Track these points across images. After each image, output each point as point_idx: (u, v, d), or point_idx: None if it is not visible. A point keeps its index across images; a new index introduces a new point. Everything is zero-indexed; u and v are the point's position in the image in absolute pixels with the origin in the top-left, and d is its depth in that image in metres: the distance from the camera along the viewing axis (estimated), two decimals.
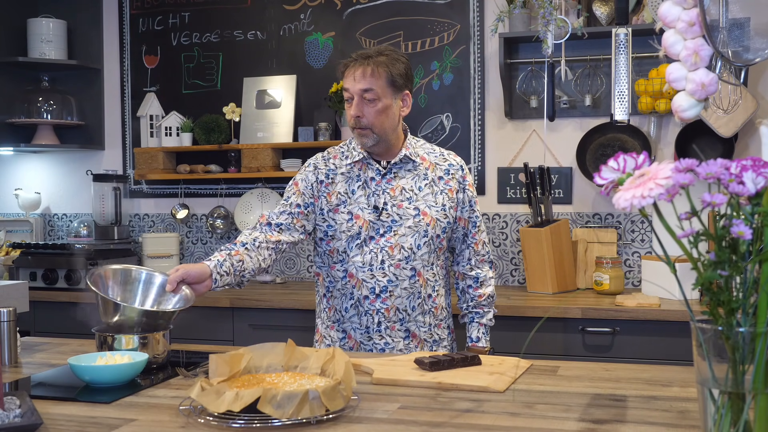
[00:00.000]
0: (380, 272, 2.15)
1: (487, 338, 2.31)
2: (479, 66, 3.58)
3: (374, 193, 2.19)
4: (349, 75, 2.15)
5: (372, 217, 2.17)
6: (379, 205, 2.17)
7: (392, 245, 2.15)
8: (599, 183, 1.01)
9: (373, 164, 2.21)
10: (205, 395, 1.30)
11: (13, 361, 1.86)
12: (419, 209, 2.18)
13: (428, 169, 2.24)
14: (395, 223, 2.16)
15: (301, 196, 2.22)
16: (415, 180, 2.21)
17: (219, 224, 3.90)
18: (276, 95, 3.82)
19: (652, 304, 2.80)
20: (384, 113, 2.14)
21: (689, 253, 0.95)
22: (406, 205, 2.18)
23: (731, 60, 1.55)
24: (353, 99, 2.14)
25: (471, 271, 2.30)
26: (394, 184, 2.20)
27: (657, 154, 3.37)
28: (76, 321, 2.16)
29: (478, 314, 2.31)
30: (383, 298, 2.16)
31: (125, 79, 4.11)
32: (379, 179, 2.20)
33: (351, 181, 2.21)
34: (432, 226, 2.18)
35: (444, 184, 2.23)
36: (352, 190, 2.20)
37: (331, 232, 2.19)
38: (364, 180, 2.21)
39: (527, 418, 1.33)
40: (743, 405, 0.95)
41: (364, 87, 2.12)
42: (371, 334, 2.18)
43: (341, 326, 2.22)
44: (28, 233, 4.12)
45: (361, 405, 1.42)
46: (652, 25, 3.10)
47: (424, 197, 2.20)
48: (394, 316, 2.17)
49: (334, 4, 3.78)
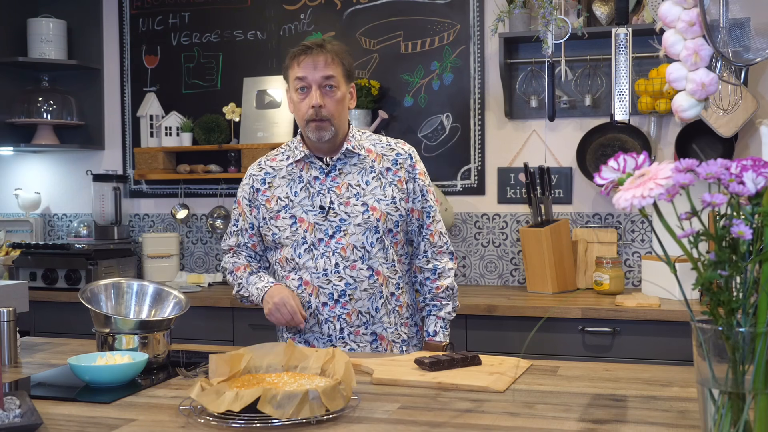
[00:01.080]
0: (336, 276, 2.05)
1: (445, 332, 2.18)
2: (479, 66, 3.58)
3: (319, 193, 2.09)
4: (306, 63, 2.03)
5: (318, 218, 2.07)
6: (325, 205, 2.07)
7: (344, 246, 2.05)
8: (599, 183, 1.01)
9: (315, 162, 2.11)
10: (205, 395, 1.30)
11: (13, 361, 1.86)
12: (368, 204, 2.07)
13: (375, 161, 2.12)
14: (344, 222, 2.06)
15: (245, 217, 2.18)
16: (361, 174, 2.10)
17: (219, 224, 3.90)
18: (276, 95, 3.82)
19: (652, 304, 2.80)
20: (342, 103, 2.07)
21: (689, 253, 0.95)
22: (353, 201, 2.07)
23: (731, 60, 1.55)
24: (309, 89, 2.04)
25: (428, 263, 2.18)
26: (340, 181, 2.09)
27: (657, 154, 3.37)
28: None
29: (435, 307, 2.18)
30: (343, 303, 2.06)
31: (125, 79, 4.11)
32: (324, 178, 2.10)
33: (293, 183, 2.12)
34: (383, 221, 2.07)
35: (392, 176, 2.12)
36: (294, 192, 2.11)
37: (277, 240, 2.10)
38: (307, 180, 2.11)
39: (527, 418, 1.33)
40: (743, 405, 0.95)
41: (327, 74, 2.03)
42: (334, 341, 2.08)
43: (303, 337, 2.12)
44: (28, 233, 4.12)
45: (361, 405, 1.42)
46: (652, 25, 3.10)
47: (372, 191, 2.09)
48: (357, 320, 2.08)
49: (334, 4, 3.78)
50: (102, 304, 1.86)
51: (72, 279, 3.57)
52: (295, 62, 2.06)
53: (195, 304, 2.99)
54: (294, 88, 2.07)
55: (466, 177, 3.61)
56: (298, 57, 2.05)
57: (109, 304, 1.88)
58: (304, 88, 2.05)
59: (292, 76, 2.07)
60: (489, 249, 3.57)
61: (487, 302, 2.96)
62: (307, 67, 2.03)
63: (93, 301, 1.83)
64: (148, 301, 1.94)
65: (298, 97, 2.07)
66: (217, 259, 3.98)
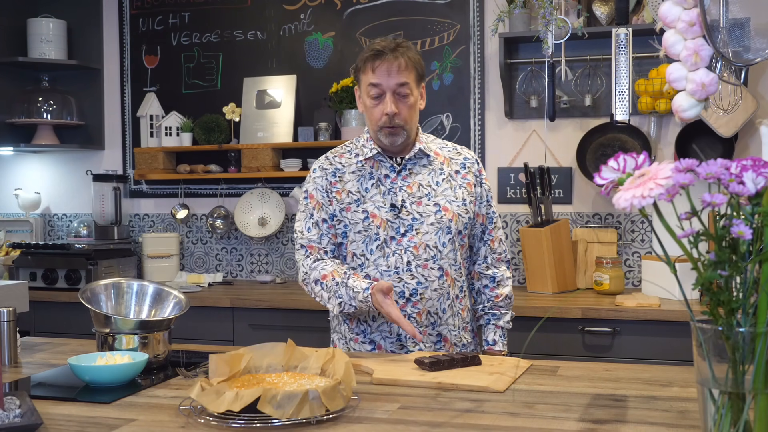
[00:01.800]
0: (408, 274, 2.02)
1: (504, 341, 2.17)
2: (479, 66, 3.58)
3: (390, 191, 2.06)
4: (381, 69, 1.98)
5: (390, 216, 2.04)
6: (396, 204, 2.05)
7: (416, 245, 2.02)
8: (599, 183, 1.01)
9: (385, 161, 2.08)
10: (205, 395, 1.30)
11: (13, 361, 1.86)
12: (440, 205, 2.06)
13: (443, 163, 2.12)
14: (416, 221, 2.04)
15: (323, 208, 2.09)
16: (431, 175, 2.10)
17: (219, 224, 3.90)
18: (276, 95, 3.82)
19: (652, 304, 2.80)
20: (414, 108, 2.05)
21: (689, 253, 0.95)
22: (425, 201, 2.06)
23: (731, 60, 1.55)
24: (383, 96, 2.00)
25: (487, 270, 2.18)
26: (410, 180, 2.08)
27: (657, 154, 3.37)
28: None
29: (494, 316, 2.17)
30: (414, 302, 2.02)
31: (125, 79, 4.11)
32: (394, 176, 2.08)
33: (363, 178, 2.08)
34: (455, 222, 2.06)
35: (462, 178, 2.12)
36: (365, 188, 2.07)
37: (348, 233, 2.05)
38: (378, 178, 2.07)
39: (527, 418, 1.33)
40: (743, 405, 0.95)
41: (401, 81, 1.99)
42: (403, 341, 2.03)
43: (368, 337, 2.05)
44: (28, 233, 4.12)
45: (361, 405, 1.42)
46: (652, 25, 3.10)
47: (443, 192, 2.08)
48: (426, 320, 2.03)
49: (334, 4, 3.78)
50: (102, 304, 1.86)
51: (72, 279, 3.57)
52: (369, 67, 2.01)
53: (195, 304, 2.99)
54: (367, 93, 2.03)
55: None
56: (373, 62, 2.00)
57: (109, 304, 1.88)
58: (378, 95, 2.01)
59: (366, 80, 2.03)
60: None
61: None
62: (382, 74, 1.99)
63: (93, 301, 1.83)
64: (148, 301, 1.94)
65: (371, 102, 2.03)
66: (217, 259, 3.98)
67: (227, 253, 3.97)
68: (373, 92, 2.01)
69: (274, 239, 3.89)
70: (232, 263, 3.96)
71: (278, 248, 3.89)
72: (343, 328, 2.11)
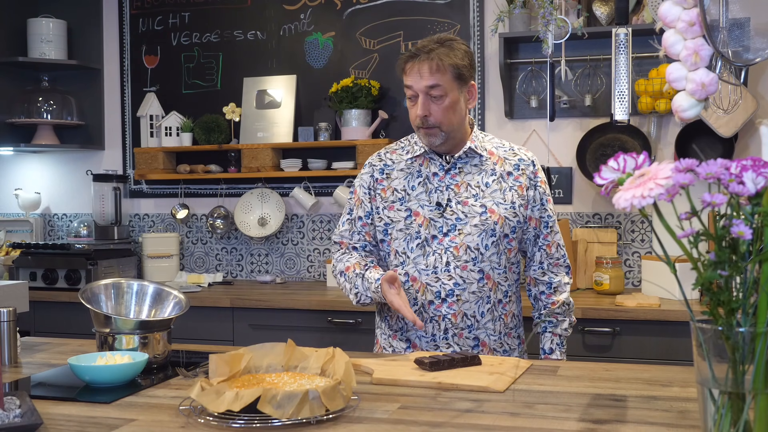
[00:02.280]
0: (446, 275, 1.99)
1: (562, 350, 2.13)
2: (479, 66, 3.58)
3: (437, 189, 2.04)
4: (413, 71, 1.97)
5: (433, 214, 2.02)
6: (442, 202, 2.02)
7: (457, 245, 2.00)
8: (599, 183, 1.01)
9: (435, 159, 2.06)
10: (205, 395, 1.30)
11: (13, 361, 1.86)
12: (486, 206, 2.02)
13: (496, 163, 2.07)
14: (459, 221, 2.01)
15: (362, 206, 2.12)
16: (481, 175, 2.05)
17: (219, 224, 3.90)
18: (276, 95, 3.82)
19: (652, 304, 2.80)
20: (451, 109, 1.99)
21: (689, 253, 0.95)
22: (471, 202, 2.02)
23: (731, 60, 1.55)
24: (417, 97, 1.99)
25: (543, 276, 2.13)
26: (459, 179, 2.05)
27: (657, 154, 3.37)
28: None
29: (551, 323, 2.13)
30: (450, 303, 2.00)
31: (125, 79, 4.11)
32: (443, 175, 2.05)
33: (410, 176, 2.07)
34: (500, 225, 2.01)
35: (513, 180, 2.06)
36: (411, 186, 2.06)
37: (390, 231, 2.06)
38: (426, 176, 2.06)
39: (527, 418, 1.33)
40: (743, 405, 0.95)
41: (431, 83, 1.95)
42: (438, 342, 2.01)
43: (405, 335, 2.06)
44: (28, 233, 4.12)
45: (361, 405, 1.42)
46: (652, 25, 3.10)
47: (492, 194, 2.03)
48: (462, 322, 2.01)
49: (334, 4, 3.78)
50: (102, 304, 1.86)
51: (72, 279, 3.57)
52: (404, 69, 2.01)
53: (195, 304, 2.99)
54: (406, 94, 2.03)
55: None
56: (405, 64, 2.01)
57: (109, 304, 1.88)
58: (412, 96, 2.01)
59: (406, 82, 2.01)
60: None
61: None
62: (413, 76, 1.98)
63: (93, 301, 1.83)
64: (148, 301, 1.94)
65: (409, 103, 2.04)
66: (217, 259, 3.98)
67: (227, 253, 3.97)
68: (408, 93, 2.02)
69: (274, 239, 3.89)
70: (232, 263, 3.97)
71: (278, 248, 3.89)
72: (384, 324, 2.14)
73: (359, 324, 3.10)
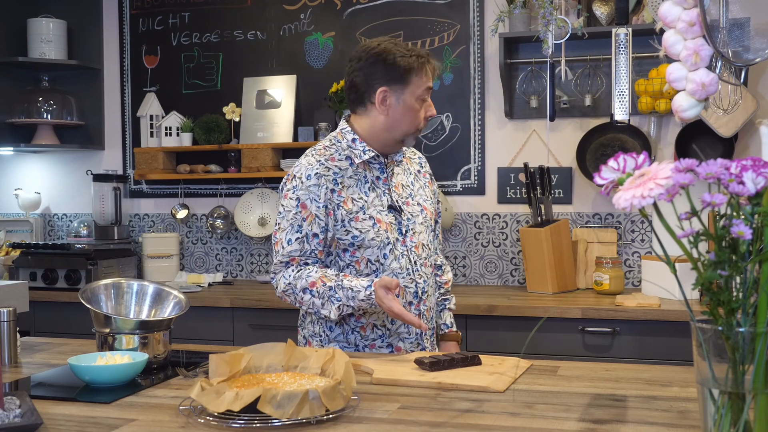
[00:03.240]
0: (417, 274, 2.03)
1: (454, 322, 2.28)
2: (479, 66, 3.58)
3: (384, 193, 2.04)
4: (431, 72, 2.01)
5: (391, 218, 2.02)
6: (394, 205, 2.03)
7: (416, 244, 2.05)
8: (599, 183, 1.01)
9: (375, 162, 2.05)
10: (205, 395, 1.30)
11: (13, 361, 1.86)
12: (421, 204, 2.10)
13: (408, 163, 2.15)
14: (410, 221, 2.05)
15: (316, 221, 1.97)
16: (405, 175, 2.11)
17: (219, 224, 3.90)
18: (276, 95, 3.82)
19: (652, 304, 2.80)
20: None
21: (689, 253, 0.95)
22: (411, 201, 2.08)
23: (731, 60, 1.55)
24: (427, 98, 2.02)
25: (436, 260, 2.26)
26: (395, 181, 2.07)
27: (657, 154, 3.37)
28: None
29: (447, 300, 2.27)
30: (423, 300, 2.05)
31: (125, 79, 4.11)
32: (384, 177, 2.06)
33: (360, 183, 2.02)
34: (431, 220, 2.13)
35: (422, 177, 2.17)
36: (364, 192, 2.01)
37: (358, 242, 1.97)
38: (371, 180, 2.03)
39: (527, 418, 1.33)
40: (743, 405, 0.95)
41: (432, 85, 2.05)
42: (420, 340, 2.04)
43: (386, 341, 2.02)
44: (28, 233, 4.12)
45: (361, 405, 1.42)
46: (652, 25, 3.10)
47: (418, 191, 2.12)
48: (430, 317, 2.11)
49: (334, 4, 3.78)
50: (102, 304, 1.86)
51: (72, 279, 3.57)
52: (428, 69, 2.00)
53: (195, 304, 2.99)
54: (419, 96, 1.99)
55: (466, 177, 3.61)
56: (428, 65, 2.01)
57: (109, 304, 1.88)
58: (424, 97, 2.01)
59: (422, 84, 1.99)
60: (489, 249, 3.57)
61: (487, 302, 2.96)
62: (430, 77, 2.02)
63: (93, 301, 1.83)
64: (148, 301, 1.94)
65: (419, 106, 2.01)
66: (217, 259, 3.98)
67: (227, 253, 3.97)
68: (426, 96, 2.02)
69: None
70: (232, 263, 3.97)
71: None
72: (352, 337, 2.02)
73: None
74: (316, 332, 2.05)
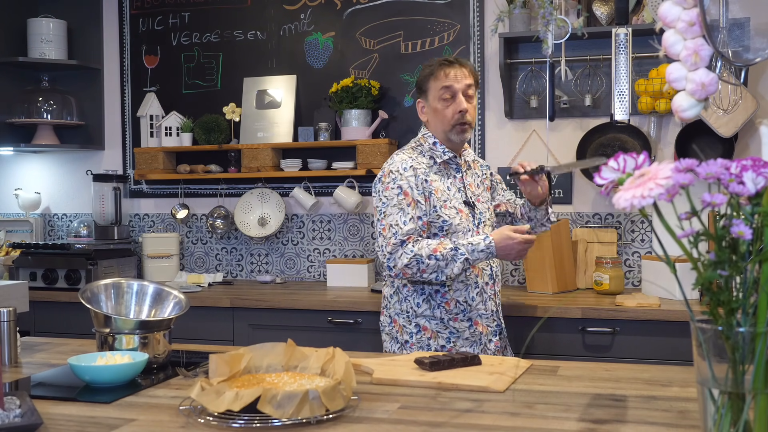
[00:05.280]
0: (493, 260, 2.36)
1: None
2: (479, 66, 3.58)
3: (460, 190, 2.38)
4: (452, 74, 2.32)
5: (468, 210, 2.36)
6: (468, 201, 2.38)
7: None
8: (599, 183, 1.01)
9: (452, 163, 2.39)
10: (205, 395, 1.30)
11: (13, 361, 1.86)
12: (485, 204, 2.44)
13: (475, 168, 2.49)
14: (482, 215, 2.40)
15: (418, 206, 2.28)
16: (473, 177, 2.46)
17: (219, 224, 3.90)
18: (276, 95, 3.82)
19: (652, 304, 2.80)
20: (476, 110, 2.39)
21: (689, 253, 0.95)
22: (481, 199, 2.43)
23: (731, 60, 1.55)
24: (455, 96, 2.32)
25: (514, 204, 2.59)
26: (469, 180, 2.43)
27: (657, 154, 3.37)
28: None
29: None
30: (496, 282, 2.41)
31: (125, 79, 4.11)
32: (460, 177, 2.40)
33: (444, 178, 2.36)
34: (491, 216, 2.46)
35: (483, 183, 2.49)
36: (447, 186, 2.35)
37: (447, 227, 2.30)
38: (451, 177, 2.38)
39: (527, 418, 1.33)
40: (743, 405, 0.95)
41: (469, 83, 2.34)
42: (495, 317, 2.39)
43: (467, 315, 2.34)
44: (28, 233, 4.12)
45: (361, 405, 1.42)
46: (652, 25, 3.10)
47: (483, 193, 2.46)
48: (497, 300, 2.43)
49: (334, 4, 3.78)
50: (102, 304, 1.86)
51: (72, 279, 3.57)
52: (442, 73, 2.33)
53: (195, 304, 3.00)
54: (439, 96, 2.35)
55: None
56: (445, 68, 2.34)
57: (109, 304, 1.88)
58: (451, 96, 2.33)
59: (438, 86, 2.34)
60: None
61: None
62: (454, 78, 2.33)
63: (93, 301, 1.83)
64: (148, 301, 1.94)
65: (443, 105, 2.35)
66: (217, 259, 3.98)
67: (227, 253, 3.97)
68: (447, 94, 2.33)
69: (274, 239, 3.89)
70: (232, 263, 3.97)
71: (278, 248, 3.89)
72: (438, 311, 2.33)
73: (359, 324, 3.10)
74: (404, 309, 2.35)
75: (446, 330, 2.33)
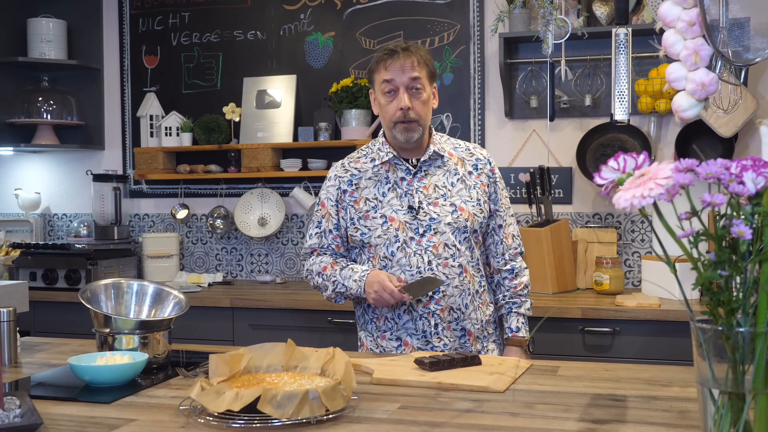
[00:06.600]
0: (429, 273, 2.08)
1: (526, 328, 2.23)
2: (479, 66, 3.58)
3: (406, 194, 2.13)
4: (394, 66, 2.07)
5: (407, 218, 2.11)
6: (414, 205, 2.11)
7: (435, 244, 2.09)
8: (599, 183, 1.01)
9: (401, 164, 2.15)
10: (205, 395, 1.30)
11: (13, 361, 1.86)
12: (455, 205, 2.13)
13: (457, 164, 2.18)
14: (433, 221, 2.10)
15: (330, 219, 2.18)
16: (446, 176, 2.16)
17: (219, 224, 3.90)
18: (276, 95, 3.82)
19: (652, 304, 2.80)
20: (427, 104, 2.12)
21: (689, 253, 0.95)
22: (441, 202, 2.12)
23: (731, 60, 1.55)
24: (396, 91, 2.08)
25: (505, 265, 2.24)
26: (426, 182, 2.14)
27: (657, 154, 3.37)
28: None
29: (515, 304, 2.24)
30: (437, 299, 2.09)
31: (125, 79, 4.11)
32: (410, 179, 2.14)
33: (380, 183, 2.15)
34: (470, 222, 2.13)
35: (475, 179, 2.18)
36: (382, 192, 2.14)
37: (367, 240, 2.12)
38: (394, 181, 2.14)
39: (527, 418, 1.33)
40: (743, 405, 0.95)
41: (413, 76, 2.07)
42: (429, 338, 2.10)
43: (394, 334, 2.13)
44: (28, 233, 4.12)
45: (361, 405, 1.42)
46: (652, 25, 3.10)
47: (458, 193, 2.15)
48: (449, 315, 2.11)
49: (334, 4, 3.78)
50: (102, 304, 1.86)
51: (72, 279, 3.57)
52: (382, 65, 2.09)
53: (195, 304, 2.99)
54: (381, 90, 2.11)
55: None
56: (385, 60, 2.09)
57: (109, 304, 1.88)
58: (391, 90, 2.09)
59: (379, 79, 2.11)
60: None
61: None
62: (395, 70, 2.07)
63: (93, 301, 1.83)
64: (148, 301, 1.94)
65: (385, 100, 2.11)
66: (217, 259, 3.98)
67: (227, 253, 3.97)
68: (387, 88, 2.09)
69: (274, 239, 3.89)
70: (232, 263, 3.97)
71: (278, 248, 3.89)
72: (371, 326, 2.18)
73: None
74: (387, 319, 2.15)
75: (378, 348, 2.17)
